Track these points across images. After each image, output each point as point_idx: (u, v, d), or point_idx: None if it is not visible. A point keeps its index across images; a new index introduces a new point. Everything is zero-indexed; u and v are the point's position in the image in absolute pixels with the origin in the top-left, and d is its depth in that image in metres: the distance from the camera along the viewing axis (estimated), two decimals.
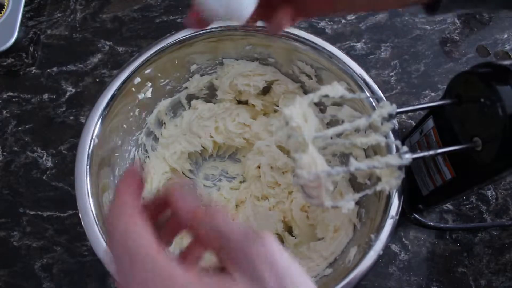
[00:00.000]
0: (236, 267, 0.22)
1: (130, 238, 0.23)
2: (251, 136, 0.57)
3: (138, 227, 0.23)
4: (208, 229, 0.23)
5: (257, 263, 0.22)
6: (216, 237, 0.23)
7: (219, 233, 0.23)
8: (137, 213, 0.24)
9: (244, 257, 0.22)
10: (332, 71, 0.48)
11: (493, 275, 0.50)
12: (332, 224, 0.48)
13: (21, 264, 0.52)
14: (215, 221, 0.23)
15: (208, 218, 0.24)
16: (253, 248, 0.22)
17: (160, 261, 0.22)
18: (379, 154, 0.45)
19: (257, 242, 0.22)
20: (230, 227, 0.23)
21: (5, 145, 0.57)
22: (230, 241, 0.23)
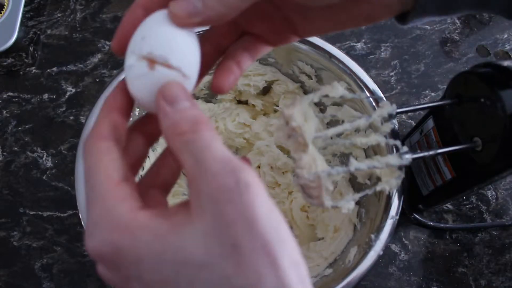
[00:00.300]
0: (200, 207, 0.19)
1: (91, 165, 0.21)
2: (251, 136, 0.57)
3: (101, 154, 0.21)
4: (184, 149, 0.20)
5: (230, 213, 0.18)
6: (192, 164, 0.20)
7: (195, 159, 0.20)
8: (108, 136, 0.22)
9: (212, 198, 0.19)
10: (332, 71, 0.48)
11: (493, 275, 0.50)
12: (332, 224, 0.48)
13: (21, 264, 0.52)
14: (196, 142, 0.20)
15: (190, 134, 0.20)
16: (228, 192, 0.18)
17: (111, 198, 0.20)
18: (379, 154, 0.45)
19: (236, 187, 0.18)
20: (211, 154, 0.19)
21: (5, 145, 0.57)
22: (204, 173, 0.19)
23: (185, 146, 0.20)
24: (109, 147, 0.22)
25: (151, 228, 0.19)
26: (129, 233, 0.19)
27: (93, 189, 0.21)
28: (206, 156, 0.19)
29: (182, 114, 0.21)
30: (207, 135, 0.20)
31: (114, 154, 0.22)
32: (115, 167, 0.21)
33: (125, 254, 0.19)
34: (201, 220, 0.19)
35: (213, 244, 0.18)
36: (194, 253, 0.18)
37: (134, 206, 0.20)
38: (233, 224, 0.18)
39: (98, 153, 0.21)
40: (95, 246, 0.20)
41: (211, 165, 0.19)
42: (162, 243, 0.19)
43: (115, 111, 0.23)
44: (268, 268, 0.18)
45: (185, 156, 0.20)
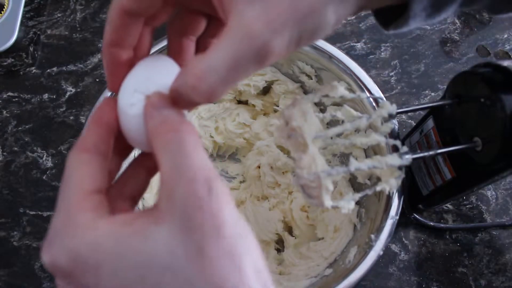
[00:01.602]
0: (169, 209, 0.19)
1: (67, 175, 0.21)
2: (251, 136, 0.57)
3: (80, 165, 0.21)
4: (165, 149, 0.20)
5: (198, 218, 0.18)
6: (170, 167, 0.19)
7: (174, 162, 0.19)
8: (91, 149, 0.22)
9: (183, 202, 0.19)
10: (332, 71, 0.48)
11: (493, 275, 0.50)
12: (332, 224, 0.48)
13: (21, 264, 0.52)
14: (178, 144, 0.20)
15: (173, 133, 0.20)
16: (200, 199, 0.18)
17: (76, 208, 0.20)
18: (379, 154, 0.45)
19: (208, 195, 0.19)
20: (190, 161, 0.19)
21: (5, 145, 0.57)
22: (180, 177, 0.19)
23: (165, 145, 0.20)
24: (89, 159, 0.22)
25: (111, 233, 0.19)
26: (88, 239, 0.19)
27: (63, 199, 0.21)
28: (185, 162, 0.19)
29: (168, 116, 0.21)
30: (190, 138, 0.20)
31: (93, 167, 0.22)
32: (91, 179, 0.21)
33: (83, 261, 0.19)
34: (168, 222, 0.19)
35: (178, 246, 0.18)
36: (157, 256, 0.18)
37: (98, 215, 0.20)
38: (200, 228, 0.18)
39: (77, 164, 0.22)
40: (52, 256, 0.19)
41: (188, 171, 0.19)
42: (123, 246, 0.19)
43: (101, 125, 0.23)
44: (232, 274, 0.18)
45: (164, 157, 0.20)
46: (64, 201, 0.21)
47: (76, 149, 0.22)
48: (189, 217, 0.18)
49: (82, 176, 0.21)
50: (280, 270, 0.49)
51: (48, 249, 0.20)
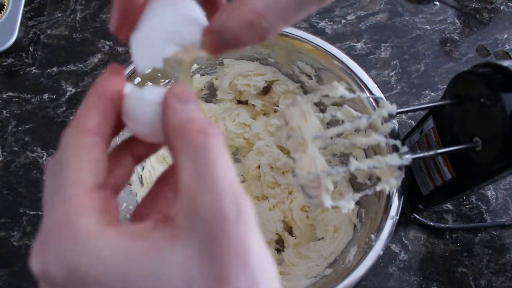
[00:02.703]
0: (189, 227, 0.16)
1: (65, 159, 0.18)
2: (251, 136, 0.57)
3: (81, 149, 0.18)
4: (188, 153, 0.17)
5: (223, 244, 0.16)
6: (193, 175, 0.17)
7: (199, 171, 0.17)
8: (94, 130, 0.18)
9: (207, 223, 0.16)
10: (332, 71, 0.48)
11: (493, 275, 0.50)
12: (332, 224, 0.48)
13: (21, 264, 0.51)
14: (206, 149, 0.17)
15: (201, 137, 0.17)
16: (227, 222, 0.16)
17: (77, 206, 0.17)
18: (379, 154, 0.45)
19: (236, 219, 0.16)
20: (218, 172, 0.17)
21: (5, 145, 0.57)
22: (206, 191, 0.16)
23: (190, 149, 0.17)
24: (92, 143, 0.18)
25: (119, 247, 0.16)
26: (91, 251, 0.16)
27: (59, 189, 0.17)
28: (213, 172, 0.17)
29: (193, 114, 0.18)
30: (219, 145, 0.17)
31: (96, 154, 0.18)
32: (92, 170, 0.18)
33: (81, 277, 0.16)
34: (187, 242, 0.16)
35: (196, 274, 0.16)
36: (171, 281, 0.16)
37: (102, 221, 0.17)
38: (224, 255, 0.16)
39: (78, 147, 0.18)
40: (44, 263, 0.17)
41: (215, 184, 0.17)
42: (131, 267, 0.16)
43: (106, 101, 0.19)
44: None
45: (187, 161, 0.17)
46: (60, 196, 0.17)
47: (75, 129, 0.19)
48: (212, 240, 0.16)
49: (83, 166, 0.18)
50: (280, 270, 0.49)
51: (41, 253, 0.17)
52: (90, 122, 0.19)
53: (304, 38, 0.48)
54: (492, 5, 0.65)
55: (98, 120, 0.19)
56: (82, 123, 0.19)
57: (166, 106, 0.19)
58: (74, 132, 0.19)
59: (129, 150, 0.22)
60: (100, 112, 0.19)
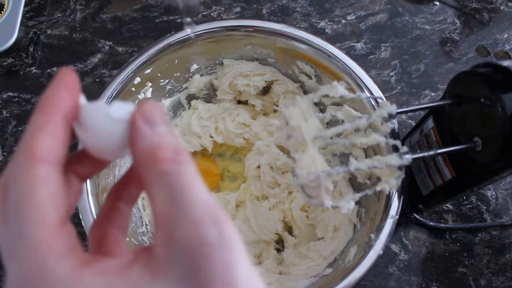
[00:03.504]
0: (170, 258, 0.16)
1: (20, 199, 0.16)
2: (251, 136, 0.57)
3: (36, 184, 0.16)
4: (160, 181, 0.16)
5: (208, 272, 0.15)
6: (166, 202, 0.16)
7: (172, 198, 0.16)
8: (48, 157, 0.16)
9: (188, 250, 0.15)
10: (332, 71, 0.48)
11: (493, 275, 0.50)
12: (332, 224, 0.48)
13: None
14: (177, 176, 0.16)
15: (171, 164, 0.16)
16: (209, 246, 0.15)
17: (47, 251, 0.15)
18: (379, 154, 0.45)
19: (219, 242, 0.15)
20: (192, 196, 0.16)
21: (5, 145, 0.57)
22: (182, 217, 0.16)
23: (162, 177, 0.16)
24: (48, 175, 0.16)
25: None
26: None
27: (21, 235, 0.15)
28: (187, 197, 0.16)
29: (163, 139, 0.17)
30: (190, 170, 0.17)
31: (54, 186, 0.16)
32: (53, 206, 0.16)
33: None
34: (170, 276, 0.15)
35: None
36: None
37: (77, 262, 0.16)
38: (209, 284, 0.15)
39: (32, 182, 0.16)
40: None
41: (191, 210, 0.16)
42: None
43: (58, 120, 0.17)
44: None
45: (159, 190, 0.16)
46: (25, 243, 0.15)
47: (25, 159, 0.16)
48: (196, 269, 0.15)
49: (44, 204, 0.16)
50: (280, 270, 0.49)
51: None
52: (42, 149, 0.16)
53: (304, 38, 0.48)
54: (492, 5, 0.65)
55: (51, 144, 0.16)
56: (32, 151, 0.16)
57: (134, 129, 0.17)
58: (25, 163, 0.16)
59: (73, 170, 0.20)
60: (53, 135, 0.17)
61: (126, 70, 0.47)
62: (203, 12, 0.64)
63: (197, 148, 0.56)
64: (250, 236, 0.51)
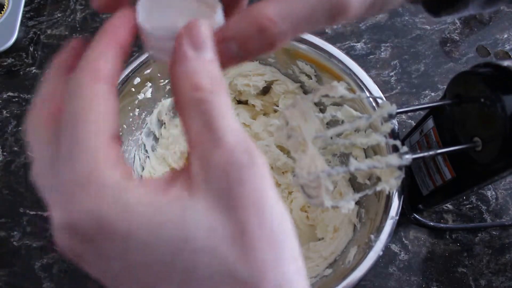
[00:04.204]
0: (206, 180, 0.17)
1: (80, 110, 0.17)
2: (251, 136, 0.57)
3: (96, 99, 0.17)
4: (195, 109, 0.17)
5: (240, 195, 0.16)
6: (201, 129, 0.17)
7: (207, 124, 0.17)
8: (108, 78, 0.18)
9: (223, 173, 0.16)
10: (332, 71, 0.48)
11: (493, 275, 0.50)
12: (332, 224, 0.48)
13: (21, 264, 0.51)
14: (213, 104, 0.17)
15: (208, 93, 0.17)
16: (242, 170, 0.16)
17: (102, 159, 0.16)
18: (379, 154, 0.45)
19: (251, 167, 0.16)
20: (227, 123, 0.17)
21: (5, 145, 0.57)
22: (217, 141, 0.17)
23: (197, 105, 0.17)
24: (107, 92, 0.18)
25: (146, 199, 0.16)
26: (121, 203, 0.16)
27: (80, 141, 0.17)
28: (222, 123, 0.17)
29: (205, 66, 0.18)
30: (225, 101, 0.17)
31: (111, 103, 0.18)
32: (110, 120, 0.17)
33: (111, 226, 0.16)
34: (205, 196, 0.16)
35: (217, 224, 0.16)
36: (194, 230, 0.16)
37: (125, 173, 0.17)
38: (242, 204, 0.16)
39: (92, 97, 0.17)
40: (71, 215, 0.16)
41: (226, 135, 0.17)
42: (159, 216, 0.16)
43: (117, 46, 0.19)
44: (273, 262, 0.16)
45: (194, 117, 0.17)
46: (82, 145, 0.16)
47: (88, 76, 0.17)
48: (229, 190, 0.16)
49: (101, 116, 0.17)
50: None
51: (65, 205, 0.16)
52: (104, 69, 0.18)
53: (304, 38, 0.48)
54: None
55: (112, 67, 0.18)
56: (96, 69, 0.18)
57: (177, 48, 0.18)
58: (87, 79, 0.17)
59: None
60: (113, 59, 0.18)
61: (126, 70, 0.47)
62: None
63: None
64: None
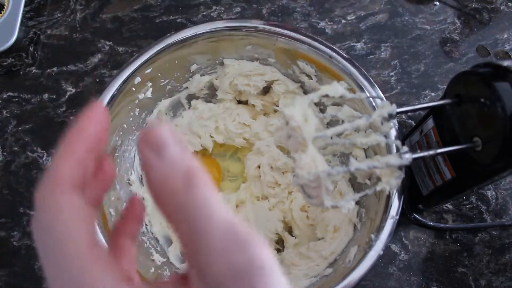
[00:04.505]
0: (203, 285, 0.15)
1: (60, 224, 0.17)
2: (251, 136, 0.57)
3: (72, 211, 0.17)
4: (178, 214, 0.16)
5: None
6: (189, 234, 0.16)
7: (193, 228, 0.16)
8: (77, 187, 0.17)
9: (219, 284, 0.15)
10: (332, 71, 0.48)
11: (493, 275, 0.50)
12: (332, 224, 0.48)
13: (21, 264, 0.51)
14: (192, 204, 0.16)
15: (184, 195, 0.16)
16: (239, 276, 0.15)
17: (88, 268, 0.16)
18: (379, 154, 0.45)
19: (249, 269, 0.15)
20: (212, 221, 0.15)
21: (5, 145, 0.57)
22: (206, 247, 0.15)
23: (178, 209, 0.16)
24: (80, 200, 0.17)
25: None
26: None
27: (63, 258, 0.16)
28: (206, 224, 0.15)
29: (173, 165, 0.16)
30: (204, 192, 0.16)
31: (79, 213, 0.17)
32: (89, 225, 0.17)
33: None
34: None
35: None
36: None
37: (119, 279, 0.16)
38: None
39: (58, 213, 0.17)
40: None
41: (214, 237, 0.15)
42: None
43: (84, 148, 0.19)
44: None
45: (179, 222, 0.16)
46: (66, 261, 0.16)
47: (53, 187, 0.17)
48: None
49: (80, 226, 0.17)
50: None
51: None
52: (66, 177, 0.18)
53: (304, 38, 0.48)
54: (492, 5, 0.65)
55: (76, 172, 0.18)
56: (58, 179, 0.18)
57: (142, 159, 0.17)
58: (60, 190, 0.17)
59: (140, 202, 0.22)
60: (78, 163, 0.18)
61: (126, 70, 0.47)
62: (203, 12, 0.64)
63: (197, 148, 0.56)
64: None
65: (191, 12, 0.64)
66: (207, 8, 0.65)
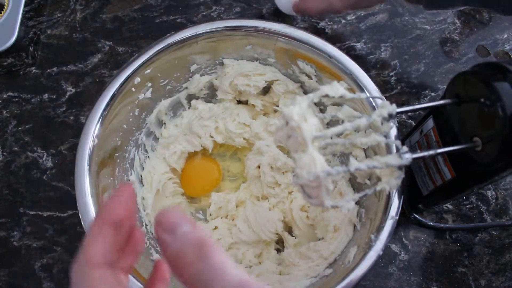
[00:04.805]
0: None
1: None
2: (251, 136, 0.57)
3: (105, 283, 0.20)
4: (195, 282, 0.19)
5: None
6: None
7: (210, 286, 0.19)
8: (108, 263, 0.20)
9: None
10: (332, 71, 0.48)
11: (493, 275, 0.50)
12: (332, 224, 0.48)
13: (21, 264, 0.52)
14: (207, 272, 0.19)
15: (198, 263, 0.19)
16: None
17: None
18: (379, 154, 0.45)
19: None
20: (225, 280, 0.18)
21: (5, 145, 0.57)
22: None
23: (195, 278, 0.19)
24: (102, 276, 0.20)
25: None
26: None
27: None
28: (223, 281, 0.18)
29: (184, 240, 0.19)
30: (217, 259, 0.19)
31: (114, 282, 0.20)
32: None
33: None
34: None
35: None
36: None
37: None
38: None
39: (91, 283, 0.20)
40: None
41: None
42: None
43: (110, 227, 0.21)
44: None
45: (197, 286, 0.19)
46: None
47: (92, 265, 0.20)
48: None
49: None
50: (280, 270, 0.49)
51: None
52: (96, 255, 0.20)
53: (304, 38, 0.48)
54: None
55: (105, 249, 0.20)
56: (90, 257, 0.20)
57: (158, 240, 0.20)
58: (85, 267, 0.20)
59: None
60: (106, 240, 0.21)
61: (126, 70, 0.47)
62: (203, 12, 0.64)
63: (197, 148, 0.56)
64: (250, 236, 0.51)
65: (191, 12, 0.64)
66: (207, 8, 0.65)
